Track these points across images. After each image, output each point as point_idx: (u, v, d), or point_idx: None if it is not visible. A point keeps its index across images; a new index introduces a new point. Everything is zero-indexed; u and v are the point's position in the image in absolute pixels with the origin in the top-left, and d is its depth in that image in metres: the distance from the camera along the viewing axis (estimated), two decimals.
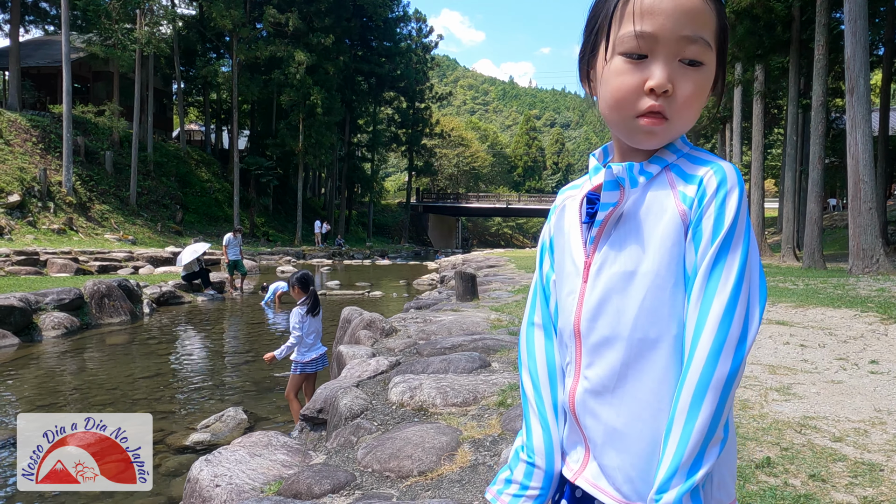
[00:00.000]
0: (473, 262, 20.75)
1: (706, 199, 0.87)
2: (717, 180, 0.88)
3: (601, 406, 0.94)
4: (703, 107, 0.93)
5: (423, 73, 53.22)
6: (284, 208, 44.12)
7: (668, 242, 0.89)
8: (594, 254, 0.96)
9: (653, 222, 0.90)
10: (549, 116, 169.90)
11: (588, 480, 0.97)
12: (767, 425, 3.12)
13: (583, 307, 0.96)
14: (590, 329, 0.95)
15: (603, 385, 0.94)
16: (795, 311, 7.06)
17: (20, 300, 9.06)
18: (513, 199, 63.52)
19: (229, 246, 15.32)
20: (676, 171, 0.92)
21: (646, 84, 0.89)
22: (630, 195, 0.93)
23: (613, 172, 0.92)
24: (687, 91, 0.89)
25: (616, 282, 0.92)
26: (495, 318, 7.06)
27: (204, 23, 36.86)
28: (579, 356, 0.97)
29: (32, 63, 33.47)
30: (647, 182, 0.93)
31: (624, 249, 0.92)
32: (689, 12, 0.87)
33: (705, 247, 0.87)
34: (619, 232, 0.93)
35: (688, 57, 0.89)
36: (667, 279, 0.89)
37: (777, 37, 17.24)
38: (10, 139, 25.25)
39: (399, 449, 2.90)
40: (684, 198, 0.89)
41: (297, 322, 5.20)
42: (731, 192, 0.87)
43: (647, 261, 0.90)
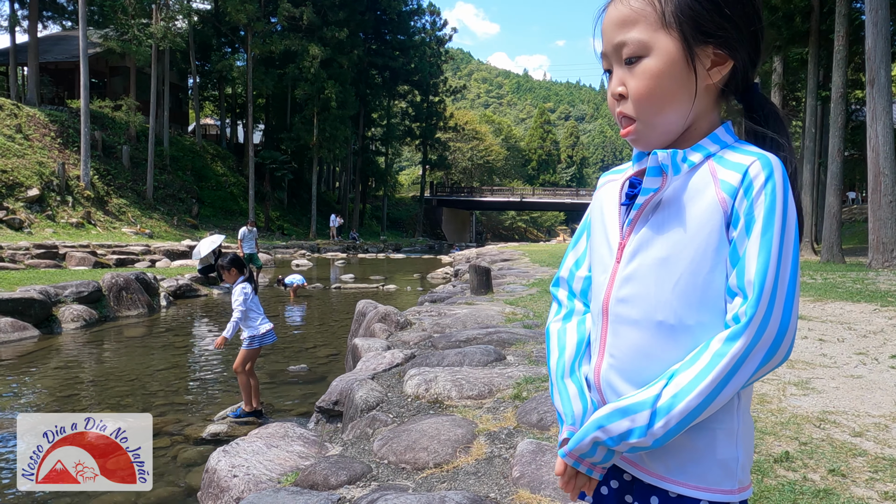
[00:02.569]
0: (487, 256, 20.73)
1: (753, 190, 0.88)
2: (763, 173, 0.88)
3: (625, 385, 0.96)
4: (668, 93, 0.92)
5: (437, 67, 53.08)
6: (299, 202, 44.31)
7: (705, 230, 0.90)
8: (630, 236, 0.98)
9: (692, 210, 0.92)
10: (563, 109, 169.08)
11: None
12: (786, 419, 3.10)
13: (613, 287, 0.99)
14: (618, 309, 0.98)
15: (628, 364, 0.96)
16: (814, 306, 6.99)
17: (40, 293, 9.18)
18: (527, 193, 63.32)
19: (245, 239, 15.42)
20: (719, 161, 0.93)
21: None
22: (672, 182, 0.94)
23: (658, 159, 0.94)
24: (633, 86, 0.94)
25: (651, 265, 0.95)
26: (510, 311, 7.06)
27: (219, 17, 37.01)
28: (605, 334, 1.00)
29: (51, 58, 33.82)
30: (690, 170, 0.94)
31: (661, 234, 0.94)
32: (617, 21, 0.95)
33: (741, 236, 0.88)
34: (658, 217, 0.95)
35: (626, 57, 0.94)
36: (702, 265, 0.90)
37: (796, 28, 17.01)
38: (29, 134, 25.54)
39: (415, 441, 2.91)
40: (725, 186, 0.90)
41: (242, 298, 5.19)
42: (777, 183, 0.88)
43: (684, 247, 0.92)
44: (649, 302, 0.94)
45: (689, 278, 0.91)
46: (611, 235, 1.02)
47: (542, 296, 8.73)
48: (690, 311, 0.91)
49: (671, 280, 0.92)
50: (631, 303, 0.96)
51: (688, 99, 0.93)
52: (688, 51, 0.91)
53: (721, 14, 0.91)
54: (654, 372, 0.93)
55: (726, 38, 0.92)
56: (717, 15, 0.91)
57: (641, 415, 0.90)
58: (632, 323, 0.96)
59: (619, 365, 0.97)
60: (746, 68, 0.96)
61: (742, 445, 0.94)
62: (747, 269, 0.86)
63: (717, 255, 0.90)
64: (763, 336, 0.85)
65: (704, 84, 0.93)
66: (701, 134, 0.96)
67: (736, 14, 0.92)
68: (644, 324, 0.94)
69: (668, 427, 0.88)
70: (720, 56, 0.93)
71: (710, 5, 0.91)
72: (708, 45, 0.92)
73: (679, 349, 0.92)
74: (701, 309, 0.91)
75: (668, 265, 0.93)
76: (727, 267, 0.90)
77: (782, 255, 0.86)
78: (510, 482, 2.52)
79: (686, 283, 0.91)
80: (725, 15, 0.92)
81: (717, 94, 0.97)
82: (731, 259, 0.89)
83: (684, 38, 0.91)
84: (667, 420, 0.88)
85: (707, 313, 0.91)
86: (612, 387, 0.98)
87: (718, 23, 0.91)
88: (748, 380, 0.87)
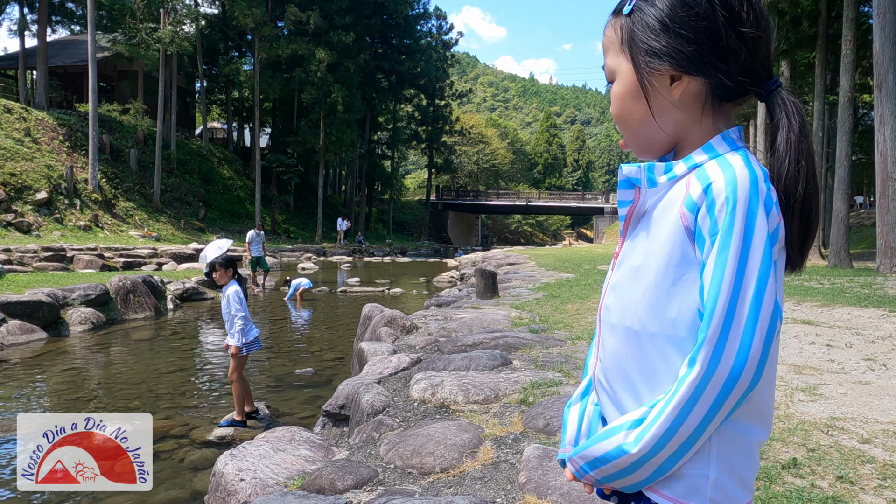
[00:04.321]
0: (493, 260, 20.72)
1: (715, 208, 0.86)
2: (725, 190, 0.86)
3: (607, 387, 1.01)
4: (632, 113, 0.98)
5: (443, 71, 53.15)
6: (305, 205, 44.41)
7: (668, 244, 0.92)
8: (622, 246, 1.03)
9: (662, 222, 0.93)
10: (569, 113, 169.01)
11: None
12: (793, 426, 3.08)
13: (605, 294, 1.05)
14: (606, 315, 1.03)
15: (608, 369, 1.01)
16: (821, 311, 6.95)
17: (48, 295, 9.23)
18: (533, 197, 63.26)
19: (252, 242, 15.46)
20: (698, 174, 0.91)
21: None
22: (649, 195, 0.96)
23: (624, 173, 0.98)
24: (610, 107, 1.03)
25: (627, 275, 0.98)
26: (516, 315, 7.05)
27: (226, 21, 37.20)
28: (599, 339, 1.06)
29: (59, 62, 34.07)
30: (671, 182, 0.94)
31: (636, 245, 0.98)
32: (603, 46, 1.03)
33: (706, 257, 0.87)
34: (638, 228, 0.99)
35: (607, 81, 1.02)
36: (665, 278, 0.92)
37: (803, 32, 16.97)
38: (37, 137, 25.70)
39: (421, 445, 2.91)
40: (688, 201, 0.90)
41: (238, 302, 5.09)
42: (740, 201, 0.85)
43: (652, 258, 0.94)
44: (624, 310, 0.97)
45: (654, 290, 0.93)
46: (617, 245, 1.07)
47: (549, 300, 8.72)
48: (654, 320, 0.93)
49: (640, 290, 0.95)
50: (612, 310, 1.01)
51: (658, 114, 0.96)
52: (635, 71, 0.96)
53: (669, 34, 0.92)
54: (625, 378, 0.97)
55: (678, 56, 0.92)
56: (665, 35, 0.93)
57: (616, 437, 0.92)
58: (611, 329, 1.00)
59: (603, 369, 1.02)
60: (732, 76, 0.93)
61: (716, 464, 0.90)
62: (705, 292, 0.86)
63: (679, 270, 0.91)
64: (720, 362, 0.84)
65: (666, 101, 0.95)
66: (693, 144, 0.96)
67: (690, 32, 0.92)
68: (619, 330, 0.98)
69: (644, 452, 0.88)
70: (675, 73, 0.94)
71: (652, 30, 0.94)
72: (662, 64, 0.93)
73: (643, 356, 0.94)
74: (664, 320, 0.92)
75: (639, 275, 0.95)
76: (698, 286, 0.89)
77: (743, 277, 0.84)
78: (517, 487, 2.52)
79: (651, 295, 0.93)
80: (677, 34, 0.92)
81: (701, 104, 0.96)
82: (701, 286, 0.88)
83: (633, 61, 0.96)
84: (641, 446, 0.88)
85: (669, 325, 0.92)
86: (601, 384, 1.04)
87: (666, 43, 0.93)
88: (713, 407, 0.85)
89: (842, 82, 14.01)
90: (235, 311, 5.09)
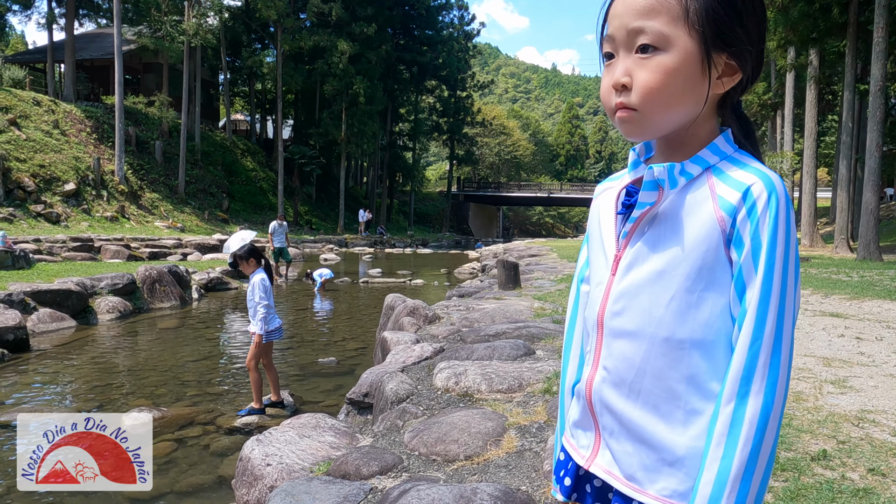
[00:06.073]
0: (515, 252, 20.67)
1: (753, 212, 0.86)
2: (766, 194, 0.86)
3: (618, 398, 0.96)
4: (678, 93, 0.90)
5: (464, 62, 52.96)
6: (327, 197, 44.65)
7: (701, 247, 0.89)
8: (625, 248, 0.97)
9: (689, 225, 0.90)
10: (592, 104, 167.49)
11: (602, 467, 1.00)
12: (823, 418, 3.04)
13: (608, 300, 0.98)
14: (613, 322, 0.97)
15: (621, 378, 0.96)
16: (850, 304, 6.84)
17: (77, 284, 9.40)
18: (555, 189, 62.93)
19: (275, 233, 15.58)
20: (718, 175, 0.91)
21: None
22: (668, 196, 0.93)
23: (654, 174, 0.92)
24: (642, 79, 0.90)
25: (646, 280, 0.94)
26: (538, 306, 7.03)
27: (249, 13, 37.42)
28: (599, 346, 1.00)
29: (86, 55, 34.55)
30: (687, 183, 0.92)
31: (657, 249, 0.93)
32: (638, 6, 0.90)
33: (747, 263, 0.87)
34: (654, 231, 0.94)
35: (641, 44, 0.90)
36: (696, 283, 0.90)
37: (833, 19, 16.60)
38: (65, 129, 26.12)
39: (445, 433, 2.92)
40: (724, 204, 0.88)
41: (262, 292, 5.13)
42: (780, 209, 0.86)
43: (679, 263, 0.91)
44: (643, 316, 0.93)
45: (684, 295, 0.90)
46: (607, 247, 1.01)
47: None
48: (684, 326, 0.91)
49: (666, 296, 0.91)
50: (625, 316, 0.96)
51: (694, 102, 0.91)
52: (705, 54, 0.89)
53: (741, 24, 0.91)
54: (645, 386, 0.93)
55: (741, 49, 0.91)
56: (738, 25, 0.90)
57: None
58: (626, 335, 0.95)
59: (612, 378, 0.97)
60: (745, 86, 0.95)
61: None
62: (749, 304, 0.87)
63: (713, 274, 0.89)
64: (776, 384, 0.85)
65: (705, 90, 0.91)
66: (699, 141, 0.95)
67: (752, 28, 0.92)
68: (638, 337, 0.94)
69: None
70: (731, 67, 0.92)
71: (732, 13, 0.90)
72: (722, 54, 0.90)
73: (678, 363, 0.92)
74: (694, 325, 0.90)
75: (663, 280, 0.92)
76: (731, 291, 0.89)
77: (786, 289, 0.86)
78: (541, 475, 2.51)
79: (681, 300, 0.90)
80: (744, 26, 0.91)
81: (717, 104, 0.96)
82: (736, 285, 0.88)
83: (704, 41, 0.89)
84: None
85: (700, 330, 0.90)
86: (603, 401, 0.98)
87: (737, 33, 0.90)
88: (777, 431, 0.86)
89: (873, 71, 13.70)
90: (259, 300, 5.13)
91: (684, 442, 0.90)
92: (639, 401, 0.94)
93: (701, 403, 0.90)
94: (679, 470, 0.91)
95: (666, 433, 0.92)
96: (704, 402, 0.90)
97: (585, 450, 1.03)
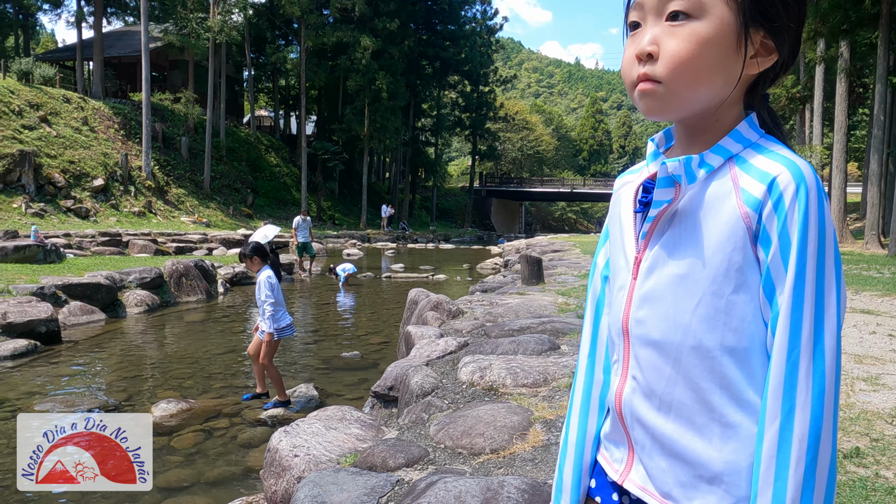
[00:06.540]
0: (538, 247, 20.58)
1: (780, 206, 0.78)
2: (794, 185, 0.78)
3: (649, 410, 0.89)
4: (710, 66, 0.82)
5: (487, 56, 52.77)
6: (350, 192, 44.87)
7: (726, 247, 0.81)
8: (645, 250, 0.90)
9: (711, 223, 0.83)
10: (615, 98, 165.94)
11: (636, 484, 0.93)
12: (855, 415, 2.99)
13: (631, 306, 0.91)
14: (639, 330, 0.90)
15: (651, 389, 0.89)
16: (881, 301, 6.71)
17: (106, 278, 9.57)
18: (577, 184, 62.54)
19: (299, 228, 15.71)
20: (741, 165, 0.83)
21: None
22: (687, 191, 0.85)
23: (668, 169, 0.85)
24: (671, 47, 0.81)
25: (669, 284, 0.86)
26: (562, 301, 7.00)
27: (273, 10, 37.67)
28: (627, 356, 0.93)
29: (114, 53, 35.09)
30: (708, 175, 0.84)
31: (678, 250, 0.86)
32: None
33: (776, 263, 0.79)
34: (674, 230, 0.87)
35: (673, 10, 0.82)
36: (724, 286, 0.82)
37: (865, 10, 16.24)
38: (94, 126, 26.57)
39: (471, 427, 2.92)
40: (748, 198, 0.80)
41: (268, 289, 5.15)
42: (811, 201, 0.78)
43: (703, 265, 0.83)
44: (668, 324, 0.86)
45: (711, 299, 0.82)
46: (627, 248, 0.94)
47: None
48: (713, 333, 0.83)
49: (691, 301, 0.84)
50: (649, 324, 0.88)
51: (724, 81, 0.83)
52: (743, 26, 0.81)
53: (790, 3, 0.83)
54: (677, 397, 0.86)
55: (780, 28, 0.83)
56: (784, 4, 0.82)
57: None
58: (651, 344, 0.88)
59: (642, 389, 0.90)
60: (779, 72, 0.87)
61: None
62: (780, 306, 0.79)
63: (741, 275, 0.81)
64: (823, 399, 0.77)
65: (739, 69, 0.83)
66: (722, 128, 0.86)
67: (793, 5, 0.83)
68: (665, 346, 0.87)
69: None
70: (768, 47, 0.84)
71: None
72: (760, 30, 0.82)
73: (710, 372, 0.84)
74: (725, 332, 0.83)
75: (686, 285, 0.84)
76: (760, 294, 0.81)
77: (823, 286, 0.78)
78: None
79: (708, 305, 0.83)
80: (785, 1, 0.83)
81: (746, 89, 0.88)
82: (765, 288, 0.80)
83: (742, 12, 0.81)
84: None
85: (732, 336, 0.82)
86: (634, 413, 0.91)
87: (778, 8, 0.82)
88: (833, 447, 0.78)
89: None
90: (266, 297, 5.16)
91: (722, 457, 0.83)
92: (671, 413, 0.87)
93: (738, 415, 0.83)
94: (718, 487, 0.84)
95: (702, 448, 0.84)
96: (742, 413, 0.82)
97: (619, 464, 0.97)
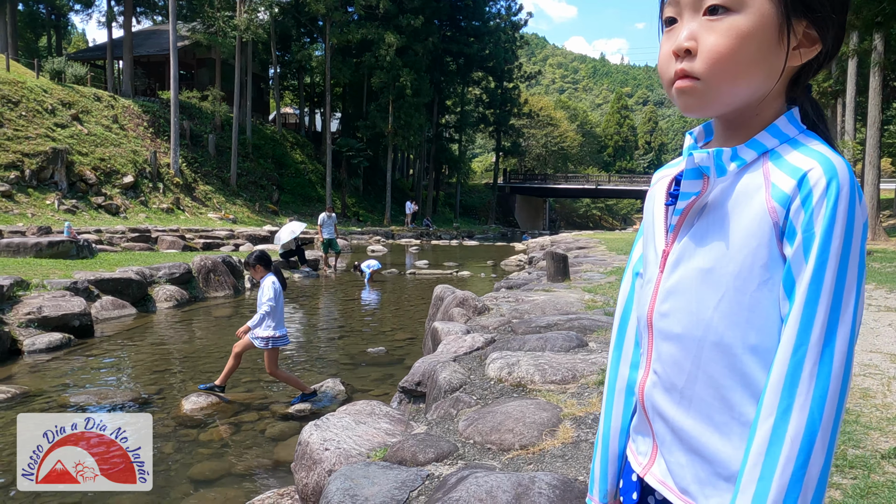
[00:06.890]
0: (562, 244, 20.47)
1: (808, 201, 0.76)
2: (825, 180, 0.76)
3: (669, 404, 0.89)
4: (750, 61, 0.80)
5: (511, 52, 52.53)
6: (374, 189, 45.07)
7: (752, 242, 0.80)
8: (673, 243, 0.90)
9: (739, 218, 0.81)
10: (641, 94, 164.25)
11: (656, 477, 0.93)
12: (892, 415, 2.93)
13: (656, 299, 0.91)
14: (661, 323, 0.90)
15: (671, 383, 0.88)
16: None
17: (137, 273, 9.74)
18: (602, 180, 62.01)
19: (324, 225, 15.81)
20: (775, 160, 0.81)
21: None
22: (717, 184, 0.84)
23: (696, 160, 0.84)
24: (710, 42, 0.79)
25: (693, 278, 0.85)
26: (589, 298, 6.96)
27: (298, 8, 37.93)
28: (650, 349, 0.93)
29: (143, 52, 35.66)
30: (740, 169, 0.83)
31: (704, 244, 0.85)
32: None
33: (797, 257, 0.77)
34: (702, 224, 0.86)
35: (710, 5, 0.80)
36: (748, 282, 0.80)
37: None
38: (124, 124, 27.02)
39: (500, 423, 2.92)
40: (777, 193, 0.78)
41: (272, 293, 5.14)
42: (842, 197, 0.75)
43: (728, 260, 0.82)
44: (690, 318, 0.85)
45: (734, 295, 0.81)
46: (657, 241, 0.93)
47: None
48: (734, 329, 0.82)
49: (714, 296, 0.83)
50: (672, 318, 0.88)
51: (766, 75, 0.81)
52: (785, 18, 0.79)
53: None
54: (697, 393, 0.85)
55: (823, 17, 0.81)
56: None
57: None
58: (673, 339, 0.88)
59: (663, 383, 0.90)
60: (822, 62, 0.85)
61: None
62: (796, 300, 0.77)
63: (766, 271, 0.79)
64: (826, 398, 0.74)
65: (781, 62, 0.81)
66: (762, 123, 0.84)
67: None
68: (686, 341, 0.86)
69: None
70: (811, 37, 0.82)
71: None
72: (803, 21, 0.80)
73: (730, 370, 0.83)
74: (747, 329, 0.81)
75: (710, 279, 0.83)
76: (780, 288, 0.79)
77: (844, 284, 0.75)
78: None
79: (731, 301, 0.81)
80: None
81: (789, 81, 0.85)
82: (784, 282, 0.78)
83: (784, 3, 0.79)
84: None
85: (753, 332, 0.81)
86: (655, 407, 0.91)
87: (830, 3, 0.80)
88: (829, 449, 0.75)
89: None
90: (268, 300, 5.15)
91: (740, 456, 0.80)
92: (691, 409, 0.86)
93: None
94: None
95: (720, 445, 0.83)
96: None
97: (643, 457, 0.97)
